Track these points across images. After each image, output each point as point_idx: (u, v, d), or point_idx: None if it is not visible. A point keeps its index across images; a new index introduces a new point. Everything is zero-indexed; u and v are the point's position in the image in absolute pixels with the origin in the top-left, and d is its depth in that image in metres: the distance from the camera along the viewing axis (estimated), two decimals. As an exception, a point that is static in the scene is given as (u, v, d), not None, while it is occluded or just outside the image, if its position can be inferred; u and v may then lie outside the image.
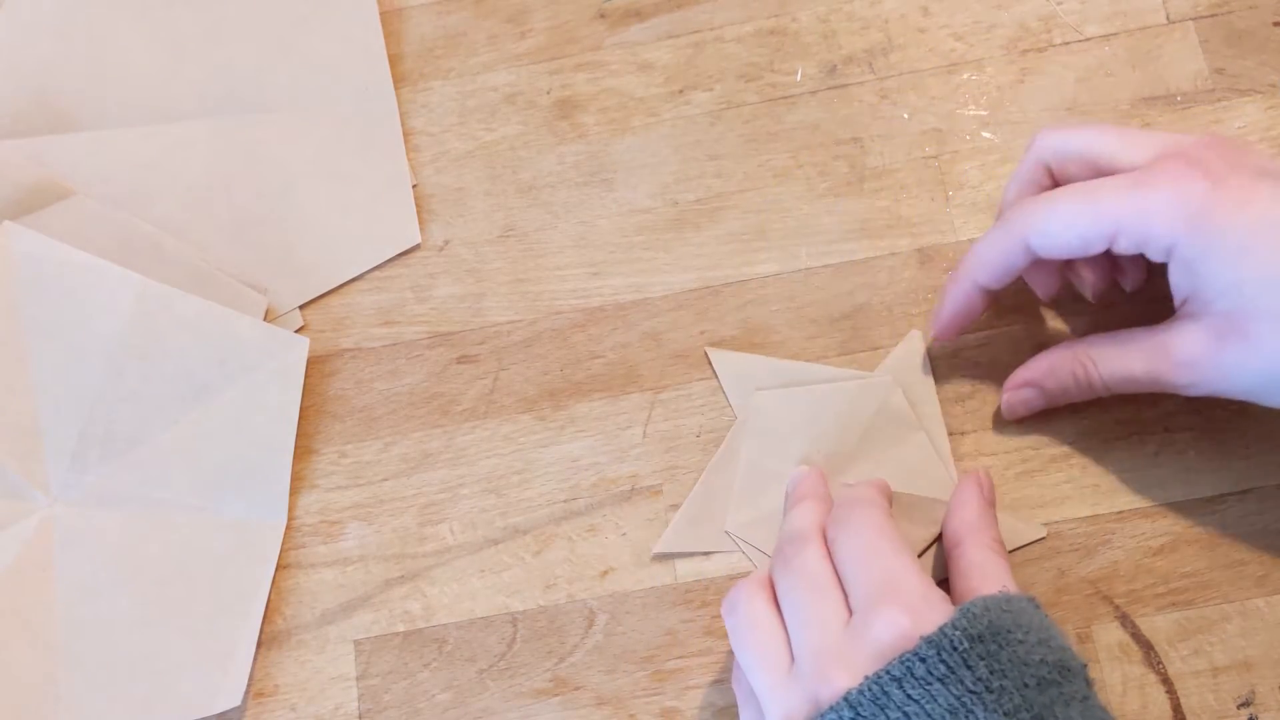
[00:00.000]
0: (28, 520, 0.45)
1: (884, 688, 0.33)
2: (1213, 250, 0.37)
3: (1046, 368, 0.42)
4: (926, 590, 0.36)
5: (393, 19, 0.52)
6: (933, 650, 0.33)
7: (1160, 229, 0.37)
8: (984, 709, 0.32)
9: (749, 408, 0.45)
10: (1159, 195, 0.37)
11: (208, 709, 0.43)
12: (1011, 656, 0.33)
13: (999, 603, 0.35)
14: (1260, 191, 0.37)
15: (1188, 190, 0.37)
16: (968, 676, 0.33)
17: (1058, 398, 0.43)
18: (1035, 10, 0.50)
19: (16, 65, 0.51)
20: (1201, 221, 0.37)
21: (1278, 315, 0.36)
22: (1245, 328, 0.37)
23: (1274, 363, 0.37)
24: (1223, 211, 0.36)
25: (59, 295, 0.47)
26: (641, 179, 0.49)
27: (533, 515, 0.45)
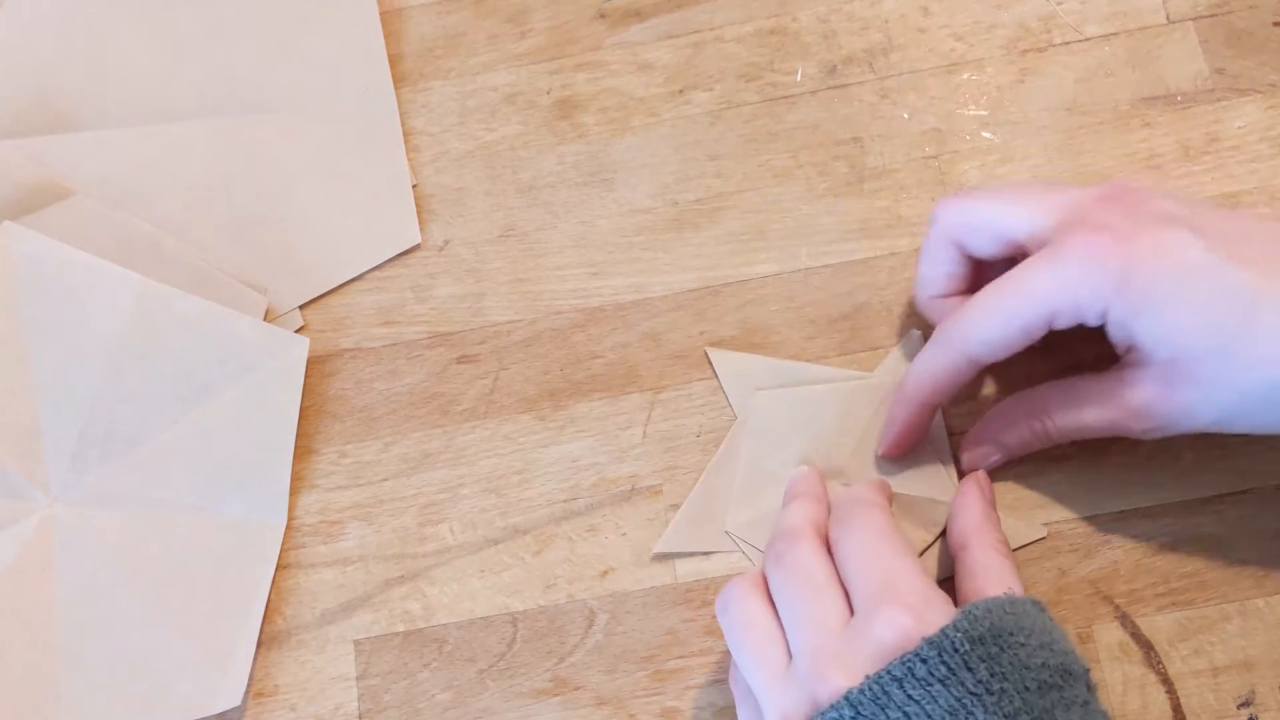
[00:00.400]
0: (28, 520, 0.45)
1: (884, 687, 0.33)
2: (1142, 307, 0.37)
3: (1003, 424, 0.42)
4: (928, 591, 0.36)
5: (393, 19, 0.52)
6: (934, 651, 0.33)
7: (1088, 300, 0.38)
8: (984, 711, 0.32)
9: (749, 408, 0.45)
10: (1077, 270, 0.38)
11: (208, 709, 0.43)
12: (1013, 659, 0.33)
13: (1002, 604, 0.35)
14: (1169, 240, 0.37)
15: (1101, 256, 0.37)
16: (968, 678, 0.33)
17: (1016, 451, 0.43)
18: (1035, 10, 0.50)
19: (16, 65, 0.51)
20: (1125, 283, 0.37)
21: (1216, 355, 0.37)
22: (1190, 371, 0.37)
23: (1226, 400, 0.37)
24: (1141, 269, 0.37)
25: (59, 295, 0.47)
26: (641, 179, 0.49)
27: (533, 515, 0.45)
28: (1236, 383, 0.37)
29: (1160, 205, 0.38)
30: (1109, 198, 0.39)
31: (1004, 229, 0.41)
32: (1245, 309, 0.36)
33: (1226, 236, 0.37)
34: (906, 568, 0.36)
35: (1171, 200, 0.39)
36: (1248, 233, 0.38)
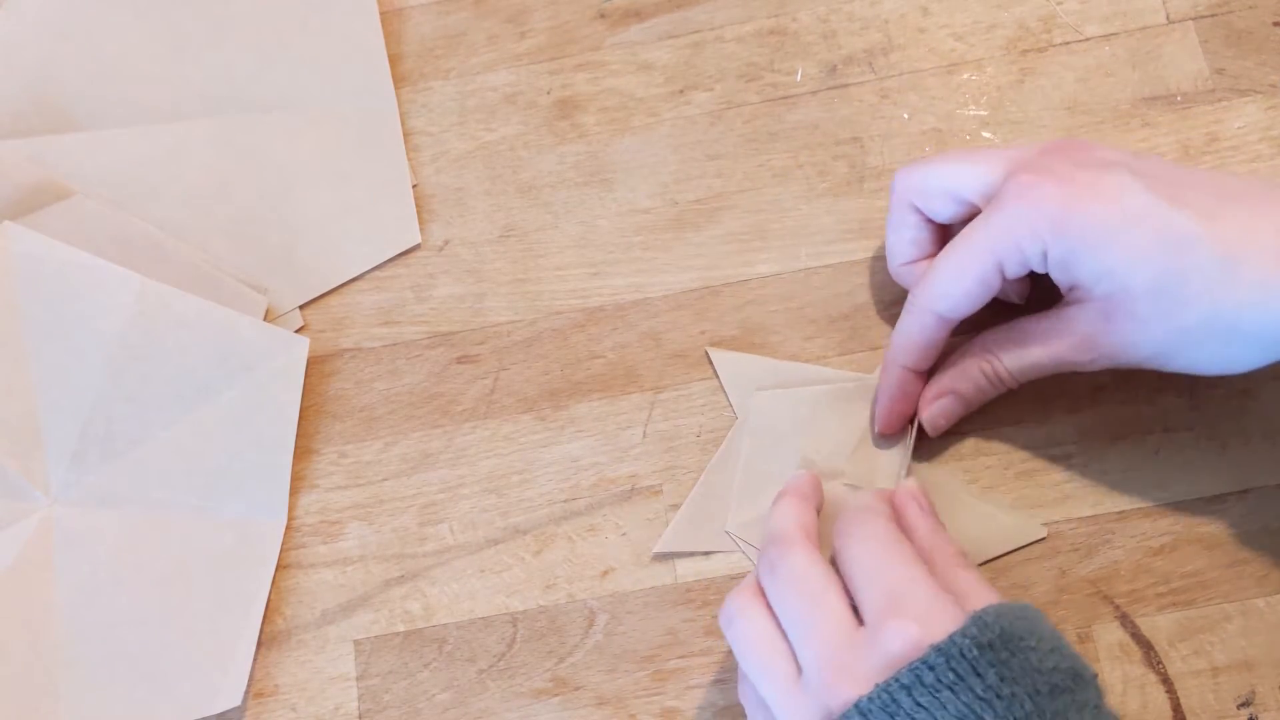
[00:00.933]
0: (28, 520, 0.45)
1: (893, 695, 0.33)
2: (1080, 246, 0.38)
3: (956, 372, 0.43)
4: (935, 600, 0.35)
5: (393, 19, 0.52)
6: (941, 658, 0.33)
7: (1028, 242, 0.39)
8: (994, 715, 0.32)
9: (749, 408, 0.45)
10: (1016, 213, 0.39)
11: (208, 709, 0.43)
12: (1023, 664, 0.33)
13: (1012, 610, 0.35)
14: (1108, 181, 0.38)
15: (1040, 198, 0.38)
16: (977, 684, 0.33)
17: (974, 399, 0.43)
18: (1035, 10, 0.50)
19: (16, 65, 0.51)
20: (1062, 223, 0.38)
21: (1153, 291, 0.37)
22: (1129, 308, 0.38)
23: (1162, 335, 0.38)
24: (1079, 208, 0.38)
25: (59, 295, 0.47)
26: (641, 179, 0.49)
27: (533, 515, 0.45)
28: (1172, 320, 0.38)
29: (1103, 153, 0.39)
30: (1053, 148, 0.40)
31: (956, 188, 0.42)
32: (1180, 249, 0.37)
33: (1165, 180, 0.38)
34: (912, 576, 0.36)
35: (1116, 150, 0.40)
36: (1187, 178, 0.39)
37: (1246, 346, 0.38)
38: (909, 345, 0.42)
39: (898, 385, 0.43)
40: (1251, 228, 0.37)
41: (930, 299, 0.41)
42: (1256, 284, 0.36)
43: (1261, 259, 0.36)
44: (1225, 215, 0.37)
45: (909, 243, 0.44)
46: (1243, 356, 0.38)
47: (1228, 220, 0.37)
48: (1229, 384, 0.44)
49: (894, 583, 0.36)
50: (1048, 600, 0.42)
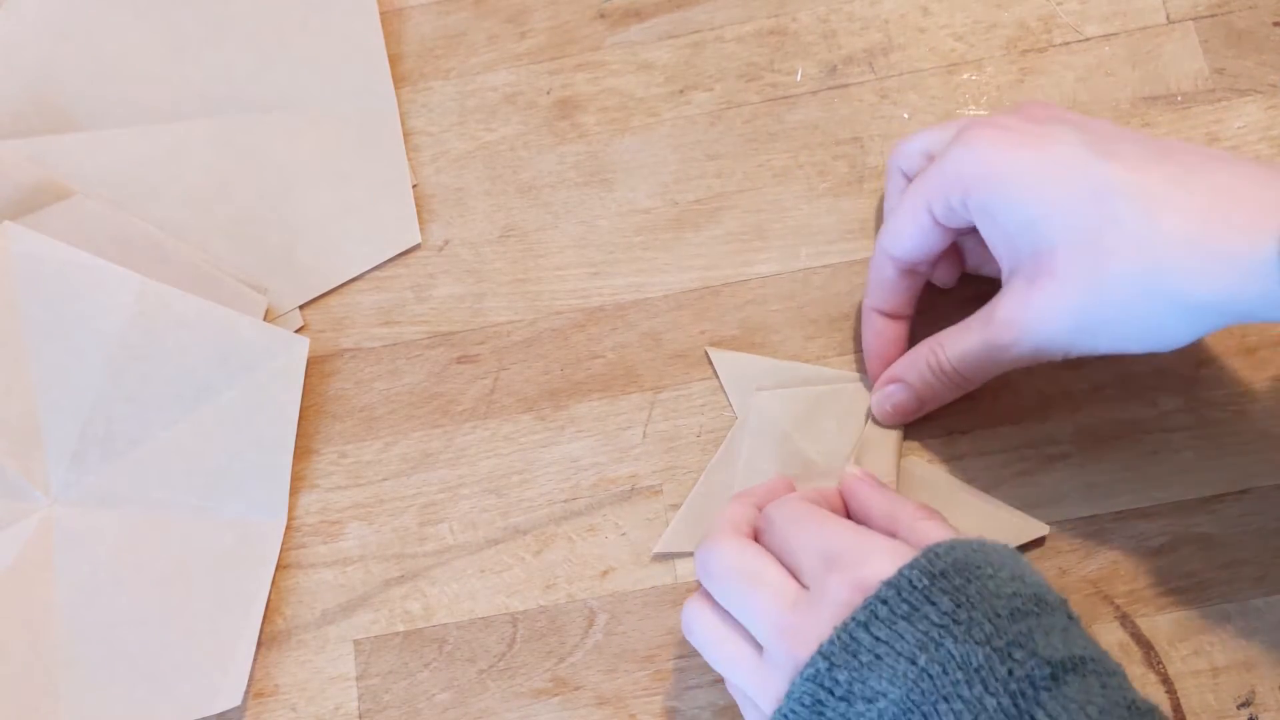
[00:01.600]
0: (28, 520, 0.45)
1: (852, 634, 0.33)
2: (1004, 190, 0.38)
3: (905, 361, 0.43)
4: (870, 542, 0.36)
5: (393, 19, 0.52)
6: (893, 590, 0.33)
7: (953, 184, 0.39)
8: (954, 640, 0.32)
9: (749, 408, 0.45)
10: (951, 158, 0.39)
11: (208, 709, 0.43)
12: (980, 590, 0.33)
13: (967, 543, 0.35)
14: (1047, 132, 0.38)
15: (977, 144, 0.39)
16: (932, 611, 0.33)
17: (923, 393, 0.43)
18: (1035, 10, 0.50)
19: (16, 65, 0.51)
20: (990, 167, 0.38)
21: (1073, 245, 0.37)
22: (1051, 265, 0.37)
23: (1083, 300, 0.37)
24: (1008, 154, 0.38)
25: (59, 295, 0.47)
26: (641, 179, 0.49)
27: (533, 515, 0.46)
28: (1093, 279, 0.36)
29: (1057, 112, 0.39)
30: (1015, 106, 0.41)
31: (924, 147, 0.43)
32: (1100, 199, 0.36)
33: (1104, 136, 0.38)
34: (840, 530, 0.37)
35: (1075, 114, 0.40)
36: (1129, 136, 0.38)
37: (1172, 314, 0.36)
38: (870, 283, 0.44)
39: (868, 325, 0.44)
40: (1181, 183, 0.35)
41: (882, 239, 0.43)
42: (1181, 237, 0.35)
43: (1187, 212, 0.35)
44: (1154, 169, 0.36)
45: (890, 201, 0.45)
46: (1170, 326, 0.36)
47: (1155, 173, 0.36)
48: (1227, 385, 0.44)
49: (825, 542, 0.36)
50: (1047, 600, 0.42)
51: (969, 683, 0.32)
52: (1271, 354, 0.45)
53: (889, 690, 0.32)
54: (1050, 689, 0.32)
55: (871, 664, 0.33)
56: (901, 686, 0.32)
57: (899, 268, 0.43)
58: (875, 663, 0.33)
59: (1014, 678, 0.32)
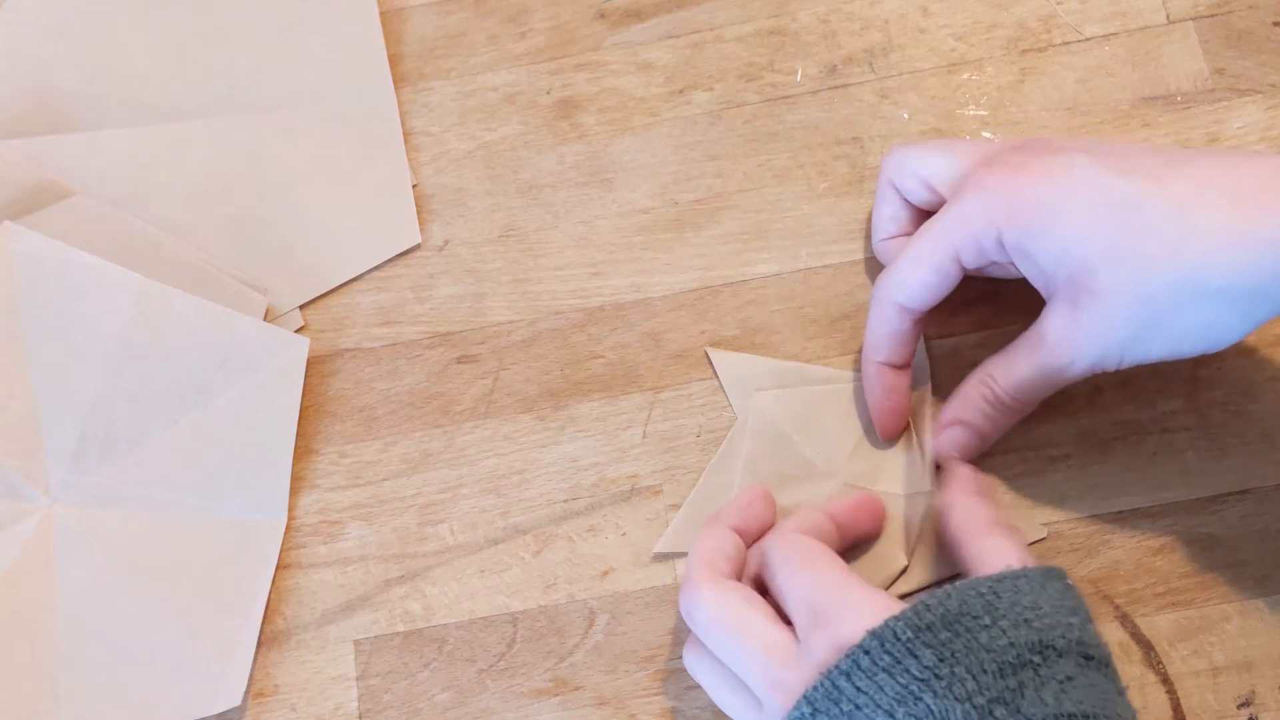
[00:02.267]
0: (28, 520, 0.45)
1: (834, 682, 0.34)
2: (1033, 227, 0.38)
3: (959, 400, 0.42)
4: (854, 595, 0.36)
5: (393, 19, 0.52)
6: (875, 642, 0.34)
7: (983, 230, 0.39)
8: (933, 695, 0.32)
9: (749, 408, 0.45)
10: (971, 203, 0.39)
11: (208, 709, 0.43)
12: (967, 643, 0.33)
13: (968, 589, 0.35)
14: (1057, 163, 0.38)
15: (992, 186, 0.39)
16: (913, 665, 0.33)
17: (985, 428, 0.42)
18: (1035, 10, 0.50)
19: (16, 65, 0.51)
20: (1014, 207, 0.38)
21: (1110, 259, 0.37)
22: (1090, 284, 0.37)
23: (1130, 310, 0.37)
24: (1028, 191, 0.38)
25: (59, 295, 0.47)
26: (641, 179, 0.49)
27: (533, 515, 0.46)
28: (1138, 288, 0.36)
29: (1063, 143, 0.39)
30: (1021, 145, 0.40)
31: (926, 173, 0.42)
32: (1129, 210, 0.36)
33: (1116, 154, 0.38)
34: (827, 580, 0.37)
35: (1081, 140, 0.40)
36: (1139, 150, 0.38)
37: (1222, 307, 0.36)
38: (876, 339, 0.43)
39: (877, 382, 0.43)
40: (1205, 181, 0.36)
41: (890, 289, 0.41)
42: (1216, 230, 0.35)
43: (1217, 206, 0.35)
44: (1173, 176, 0.36)
45: (888, 219, 0.45)
46: (1223, 321, 0.36)
47: (1176, 179, 0.36)
48: (1228, 385, 0.44)
49: (813, 593, 0.36)
50: (1047, 600, 0.42)
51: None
52: (1272, 354, 0.45)
53: None
54: None
55: (851, 713, 0.33)
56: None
57: (912, 318, 0.42)
58: (855, 712, 0.33)
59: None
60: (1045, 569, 0.36)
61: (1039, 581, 0.36)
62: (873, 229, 0.45)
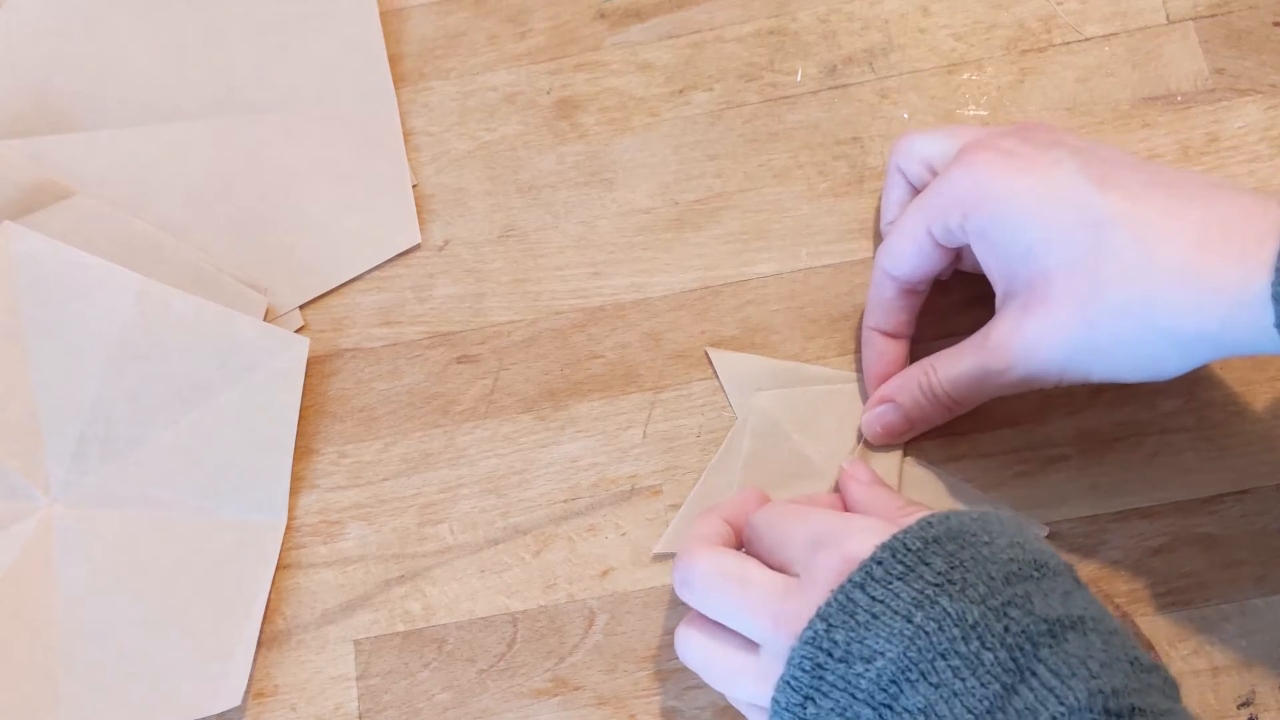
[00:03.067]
0: (28, 520, 0.45)
1: (849, 595, 0.34)
2: (1001, 216, 0.38)
3: (897, 382, 0.43)
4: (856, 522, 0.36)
5: (393, 19, 0.52)
6: (887, 553, 0.34)
7: (952, 208, 0.39)
8: (949, 599, 0.33)
9: (749, 408, 0.45)
10: (951, 180, 0.40)
11: (208, 709, 0.43)
12: (974, 555, 0.34)
13: (964, 514, 0.35)
14: (1047, 157, 0.38)
15: (976, 167, 0.39)
16: (927, 572, 0.33)
17: (913, 414, 0.43)
18: (1035, 10, 0.50)
19: (16, 65, 0.51)
20: (987, 190, 0.38)
21: (1069, 272, 0.37)
22: (1046, 293, 0.37)
23: (1075, 325, 0.37)
24: (1006, 178, 0.38)
25: (59, 295, 0.47)
26: (641, 179, 0.49)
27: (533, 515, 0.46)
28: (1086, 308, 0.36)
29: (1059, 136, 0.39)
30: (1017, 128, 0.41)
31: (929, 156, 0.43)
32: (1099, 228, 0.36)
33: (1103, 162, 0.38)
34: (823, 517, 0.37)
35: (1078, 138, 0.40)
36: (1128, 163, 0.38)
37: (1164, 345, 0.36)
38: (870, 303, 0.44)
39: (869, 345, 0.44)
40: (1178, 214, 0.36)
41: (881, 257, 0.43)
42: (1174, 269, 0.35)
43: (1180, 244, 0.35)
44: (1151, 199, 0.36)
45: (894, 203, 0.45)
46: (1163, 357, 0.37)
47: (1153, 204, 0.36)
48: (1227, 385, 0.44)
49: (810, 529, 0.37)
50: (1047, 600, 0.42)
51: (965, 638, 0.32)
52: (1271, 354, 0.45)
53: (886, 649, 0.33)
54: (1050, 645, 0.32)
55: (868, 623, 0.33)
56: (898, 644, 0.33)
57: (899, 287, 0.43)
58: (872, 622, 0.33)
59: (1010, 634, 0.32)
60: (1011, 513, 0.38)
61: (1014, 521, 0.36)
62: (881, 212, 0.46)
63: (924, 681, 0.32)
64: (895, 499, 0.40)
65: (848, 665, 0.33)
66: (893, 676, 0.33)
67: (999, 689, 0.31)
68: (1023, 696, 0.31)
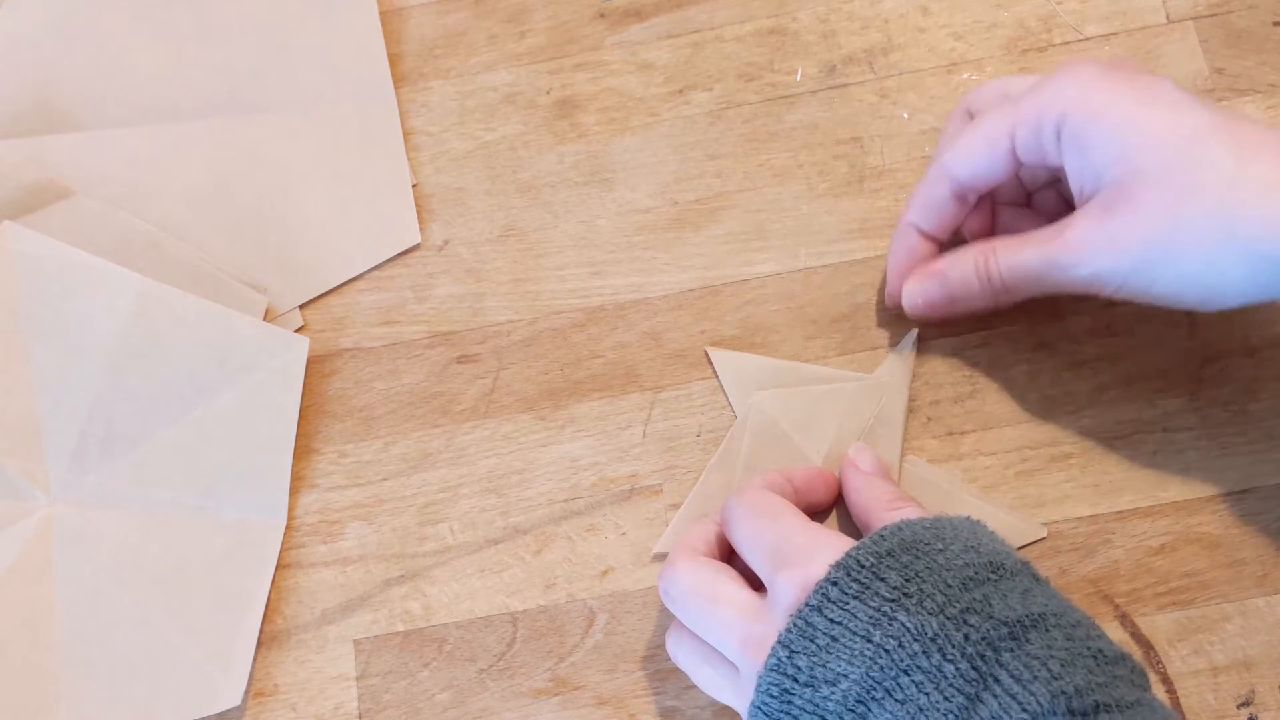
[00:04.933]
0: (28, 520, 0.45)
1: (807, 619, 0.34)
2: (1101, 115, 0.38)
3: (952, 258, 0.42)
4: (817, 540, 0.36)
5: (393, 19, 0.52)
6: (841, 573, 0.34)
7: (1050, 109, 0.39)
8: (906, 613, 0.33)
9: (749, 408, 0.45)
10: (1054, 84, 0.39)
11: (208, 709, 0.43)
12: (929, 564, 0.34)
13: (917, 523, 0.36)
14: (1143, 77, 0.38)
15: (1078, 73, 0.39)
16: (882, 588, 0.33)
17: (959, 291, 0.42)
18: (1035, 10, 0.50)
19: (16, 65, 0.51)
20: (1091, 92, 0.38)
21: (1162, 177, 0.37)
22: (1131, 192, 0.37)
23: (1157, 226, 0.37)
24: (1110, 84, 0.38)
25: (59, 295, 0.47)
26: (641, 179, 0.49)
27: (533, 515, 0.45)
28: (1172, 210, 0.36)
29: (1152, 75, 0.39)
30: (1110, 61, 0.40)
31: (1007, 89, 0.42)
32: (1196, 138, 0.36)
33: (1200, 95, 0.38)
34: (788, 528, 0.37)
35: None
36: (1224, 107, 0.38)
37: (1239, 260, 0.36)
38: (917, 198, 0.43)
39: (902, 239, 0.43)
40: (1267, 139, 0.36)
41: (944, 156, 0.41)
42: (1266, 184, 0.36)
43: (1274, 163, 0.36)
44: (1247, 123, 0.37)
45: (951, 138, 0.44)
46: (1231, 276, 0.37)
47: (1248, 124, 0.37)
48: (1229, 384, 0.44)
49: (771, 541, 0.37)
50: (1048, 600, 0.42)
51: (926, 652, 0.32)
52: (1274, 354, 0.45)
53: (849, 670, 0.33)
54: (1012, 648, 0.32)
55: (829, 646, 0.33)
56: (860, 665, 0.33)
57: (955, 189, 0.42)
58: (833, 645, 0.33)
59: (970, 642, 0.32)
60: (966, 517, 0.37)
61: (969, 524, 0.37)
62: (938, 149, 0.45)
63: (890, 699, 0.32)
64: (887, 491, 0.41)
65: (814, 689, 0.33)
66: (859, 697, 0.33)
67: (963, 700, 0.32)
68: (987, 705, 0.31)
